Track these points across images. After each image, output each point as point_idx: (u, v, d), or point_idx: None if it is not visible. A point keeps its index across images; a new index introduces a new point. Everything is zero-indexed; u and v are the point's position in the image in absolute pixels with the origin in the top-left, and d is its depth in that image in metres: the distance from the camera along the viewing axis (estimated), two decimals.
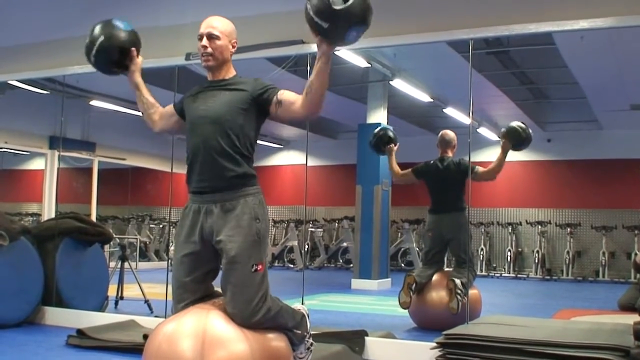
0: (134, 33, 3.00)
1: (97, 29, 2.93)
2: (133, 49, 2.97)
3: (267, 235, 2.75)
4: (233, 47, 2.83)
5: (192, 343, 2.45)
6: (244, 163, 2.71)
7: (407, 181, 5.50)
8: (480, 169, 5.08)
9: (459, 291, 4.73)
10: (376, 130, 5.67)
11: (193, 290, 2.69)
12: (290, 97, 2.69)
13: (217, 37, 2.76)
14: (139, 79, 3.00)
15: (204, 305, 2.64)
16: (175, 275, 2.73)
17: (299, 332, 2.85)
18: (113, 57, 2.96)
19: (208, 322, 2.53)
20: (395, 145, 5.41)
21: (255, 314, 2.56)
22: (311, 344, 2.97)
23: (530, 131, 5.15)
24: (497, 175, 5.11)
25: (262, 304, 2.59)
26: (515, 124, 5.14)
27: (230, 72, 2.85)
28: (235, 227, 2.62)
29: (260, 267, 2.62)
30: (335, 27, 2.41)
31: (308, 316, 3.00)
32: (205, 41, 2.76)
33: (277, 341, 2.68)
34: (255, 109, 2.74)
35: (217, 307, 2.62)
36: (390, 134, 5.48)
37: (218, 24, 2.79)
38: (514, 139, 5.08)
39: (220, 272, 2.70)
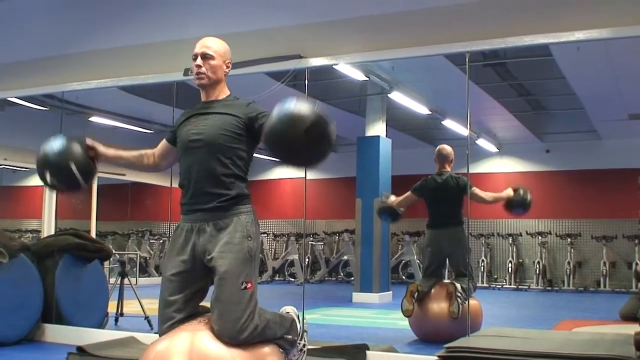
0: (71, 140, 2.85)
1: (52, 161, 2.79)
2: (87, 144, 2.86)
3: (258, 253, 2.74)
4: (227, 67, 2.83)
5: None
6: (236, 185, 2.70)
7: (407, 203, 5.51)
8: (476, 189, 5.11)
9: (459, 294, 4.79)
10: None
11: (180, 309, 2.65)
12: None
13: (212, 57, 2.77)
14: (109, 153, 2.93)
15: (195, 323, 2.62)
16: (162, 293, 2.69)
17: (290, 337, 2.85)
18: (85, 167, 2.83)
19: (200, 340, 2.51)
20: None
21: (242, 332, 2.54)
22: (304, 345, 2.96)
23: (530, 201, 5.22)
24: (489, 203, 5.19)
25: (250, 322, 2.56)
26: (529, 196, 5.18)
27: (224, 93, 2.85)
28: (227, 244, 2.61)
29: (250, 285, 2.60)
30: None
31: (298, 318, 2.99)
32: (199, 61, 2.77)
33: (270, 357, 2.67)
34: (248, 133, 2.73)
35: (208, 325, 2.60)
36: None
37: (212, 44, 2.81)
38: (517, 201, 5.12)
39: (211, 290, 2.67)
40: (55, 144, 2.82)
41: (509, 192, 5.14)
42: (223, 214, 2.66)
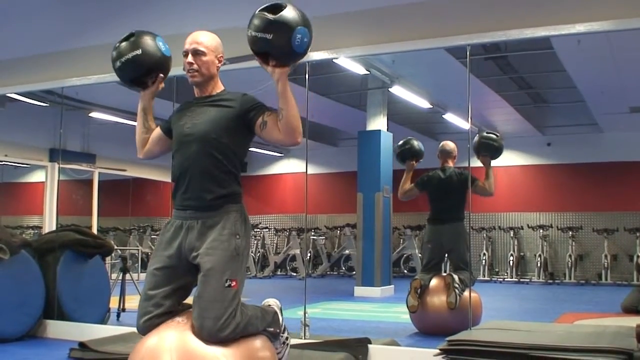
0: (169, 60, 2.96)
1: (138, 39, 2.88)
2: (161, 75, 2.94)
3: (246, 252, 2.70)
4: (219, 61, 2.81)
5: (174, 358, 2.44)
6: (229, 182, 2.69)
7: (410, 196, 5.45)
8: (480, 182, 5.09)
9: (457, 285, 4.81)
10: (404, 141, 5.50)
11: (158, 304, 2.63)
12: (274, 121, 2.64)
13: (203, 53, 2.74)
14: (151, 102, 2.99)
15: (178, 321, 2.61)
16: (144, 287, 2.68)
17: (272, 329, 2.82)
18: (137, 73, 2.91)
19: (187, 338, 2.51)
20: (417, 161, 5.38)
21: (222, 331, 2.50)
22: (287, 338, 2.95)
23: (498, 136, 5.19)
24: (494, 190, 5.11)
25: (231, 320, 2.52)
26: (484, 136, 5.16)
27: (218, 87, 2.83)
28: (214, 241, 2.60)
29: (234, 283, 2.57)
30: (277, 35, 2.46)
31: (281, 310, 2.97)
32: (190, 58, 2.74)
33: (262, 351, 2.66)
34: (242, 125, 2.71)
35: (190, 324, 2.58)
36: (416, 149, 5.38)
37: (203, 39, 2.78)
38: (491, 151, 5.12)
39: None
40: (160, 43, 2.94)
41: (483, 161, 5.11)
42: (213, 213, 2.65)
